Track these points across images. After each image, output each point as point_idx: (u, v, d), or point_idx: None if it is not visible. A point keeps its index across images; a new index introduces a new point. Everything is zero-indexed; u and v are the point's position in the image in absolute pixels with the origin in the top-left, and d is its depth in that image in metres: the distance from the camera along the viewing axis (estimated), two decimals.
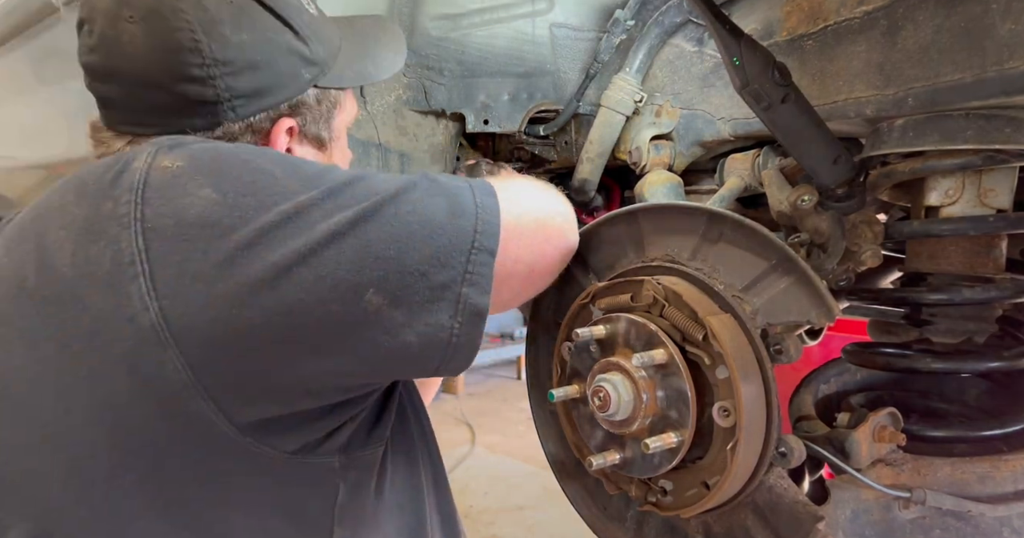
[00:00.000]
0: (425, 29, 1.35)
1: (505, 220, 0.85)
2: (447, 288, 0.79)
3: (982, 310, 1.10)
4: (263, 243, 0.74)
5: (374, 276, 0.76)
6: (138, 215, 0.75)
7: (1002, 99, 0.84)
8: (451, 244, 0.80)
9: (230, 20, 0.89)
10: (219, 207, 0.75)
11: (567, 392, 0.99)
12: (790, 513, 0.86)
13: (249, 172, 0.79)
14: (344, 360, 0.79)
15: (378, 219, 0.78)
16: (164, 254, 0.74)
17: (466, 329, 0.81)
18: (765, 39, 1.09)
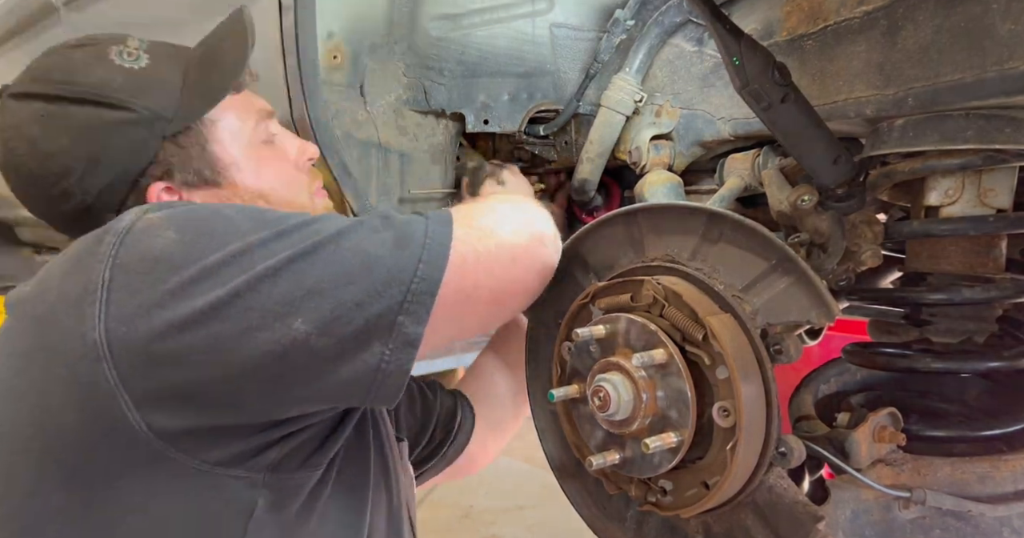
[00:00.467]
0: (425, 29, 1.35)
1: (460, 247, 0.87)
2: (382, 317, 0.82)
3: (982, 310, 1.10)
4: (207, 278, 0.81)
5: (304, 308, 0.81)
6: (113, 253, 0.84)
7: (1002, 99, 0.84)
8: (390, 275, 0.83)
9: (43, 134, 0.97)
10: (177, 246, 0.83)
11: (567, 392, 0.99)
12: (790, 513, 0.86)
13: (212, 217, 0.87)
14: (269, 385, 0.84)
15: (316, 256, 0.83)
16: (122, 284, 0.82)
17: (396, 356, 0.83)
18: (765, 39, 1.09)
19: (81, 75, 0.99)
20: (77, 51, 1.03)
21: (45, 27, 2.35)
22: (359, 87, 1.34)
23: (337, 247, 0.84)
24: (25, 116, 0.98)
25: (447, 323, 0.89)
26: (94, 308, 0.82)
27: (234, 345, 0.80)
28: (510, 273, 0.92)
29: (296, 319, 0.81)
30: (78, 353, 0.82)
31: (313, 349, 0.81)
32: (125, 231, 0.86)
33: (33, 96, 0.99)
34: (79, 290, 0.83)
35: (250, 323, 0.80)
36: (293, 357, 0.82)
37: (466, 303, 0.89)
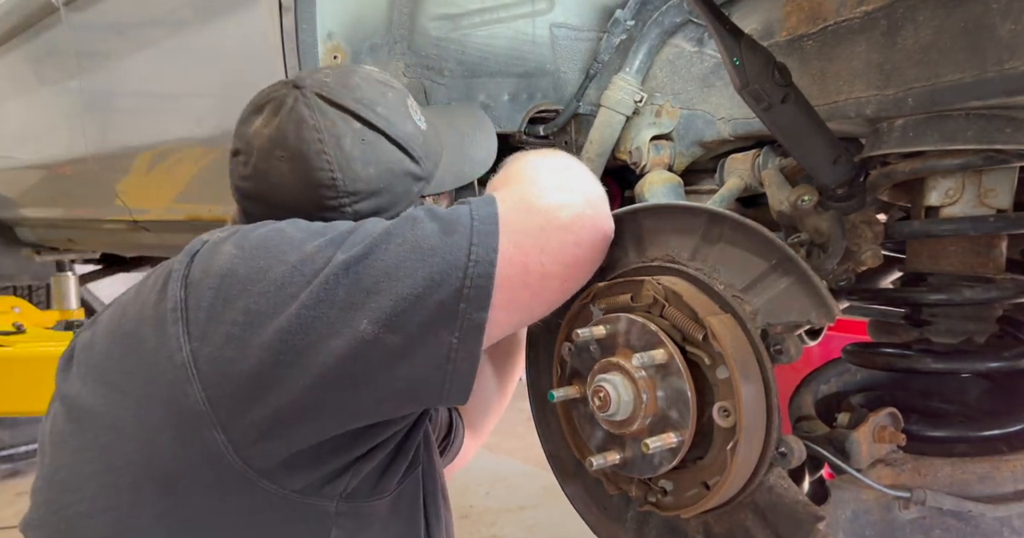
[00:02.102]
0: (425, 29, 1.35)
1: (511, 225, 0.87)
2: (443, 306, 0.83)
3: (982, 310, 1.10)
4: (272, 291, 0.85)
5: (366, 308, 0.83)
6: (185, 272, 0.90)
7: (1002, 99, 0.83)
8: (444, 263, 0.84)
9: (361, 157, 1.02)
10: (237, 260, 0.88)
11: (567, 392, 0.99)
12: (790, 513, 0.86)
13: (267, 232, 0.92)
14: (350, 392, 0.85)
15: (369, 257, 0.85)
16: (197, 302, 0.87)
17: (464, 344, 0.84)
18: (765, 39, 1.09)
19: (400, 121, 1.06)
20: (388, 90, 1.08)
21: (45, 27, 2.35)
22: None
23: (388, 245, 0.86)
24: (347, 130, 1.02)
25: (512, 305, 0.88)
26: (177, 327, 0.87)
27: (309, 357, 0.83)
28: (568, 249, 0.90)
29: (362, 320, 0.83)
30: (169, 373, 0.86)
31: (382, 346, 0.83)
32: (195, 251, 0.92)
33: (358, 117, 1.03)
34: (161, 309, 0.89)
35: (320, 332, 0.83)
36: (365, 358, 0.83)
37: (528, 283, 0.88)
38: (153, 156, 2.09)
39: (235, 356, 0.84)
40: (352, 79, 1.06)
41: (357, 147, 1.01)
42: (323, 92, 1.02)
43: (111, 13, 2.04)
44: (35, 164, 2.82)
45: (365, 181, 1.02)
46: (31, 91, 2.75)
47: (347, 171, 1.01)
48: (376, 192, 1.03)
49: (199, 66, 1.75)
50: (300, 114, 1.01)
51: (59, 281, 3.89)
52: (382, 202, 1.04)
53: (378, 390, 0.86)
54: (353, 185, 1.01)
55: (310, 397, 0.84)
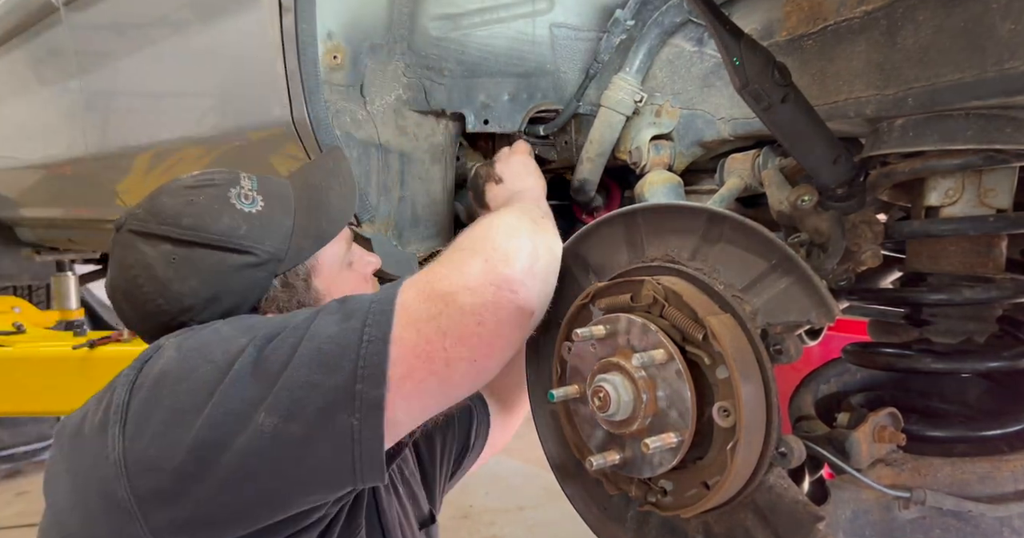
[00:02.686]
0: (425, 29, 1.35)
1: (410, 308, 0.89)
2: (339, 389, 0.85)
3: (982, 310, 1.10)
4: (193, 390, 0.88)
5: (265, 401, 0.86)
6: (134, 378, 0.94)
7: (1002, 99, 0.83)
8: (339, 348, 0.87)
9: (176, 276, 1.05)
10: (173, 361, 0.92)
11: (567, 392, 0.99)
12: (790, 513, 0.86)
13: (207, 332, 0.96)
14: (260, 487, 0.87)
15: (276, 351, 0.89)
16: (137, 405, 0.91)
17: (366, 423, 0.85)
18: (765, 39, 1.09)
19: (211, 222, 1.06)
20: (199, 193, 1.09)
21: (45, 27, 2.35)
22: (359, 87, 1.34)
23: (291, 338, 0.89)
24: (155, 257, 1.05)
25: (423, 393, 0.89)
26: (115, 428, 0.90)
27: (221, 455, 0.85)
28: (469, 330, 0.90)
29: (260, 414, 0.85)
30: (106, 471, 0.89)
31: (284, 437, 0.85)
32: (147, 358, 0.96)
33: (163, 238, 1.06)
34: (106, 413, 0.92)
35: (229, 429, 0.86)
36: (270, 451, 0.85)
37: (434, 370, 0.89)
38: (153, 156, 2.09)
39: (158, 454, 0.87)
40: (159, 200, 1.09)
41: (169, 269, 1.05)
42: (133, 227, 1.07)
43: (111, 13, 2.04)
44: (35, 164, 2.82)
45: (190, 295, 1.05)
46: (31, 91, 2.75)
47: (167, 294, 1.05)
48: (212, 298, 1.05)
49: (199, 66, 1.75)
50: (118, 257, 1.08)
51: (59, 281, 3.89)
52: (227, 303, 1.06)
53: (288, 483, 0.88)
54: (180, 303, 1.05)
55: (224, 494, 0.86)
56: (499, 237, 0.99)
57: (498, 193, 1.35)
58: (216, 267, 1.05)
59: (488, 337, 0.91)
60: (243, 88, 1.55)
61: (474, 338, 0.90)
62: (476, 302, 0.90)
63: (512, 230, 1.01)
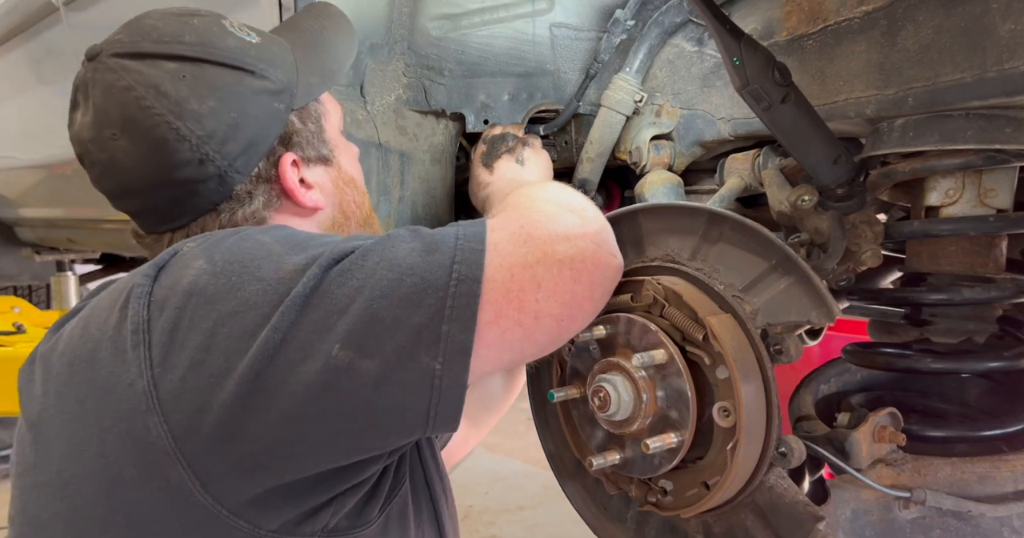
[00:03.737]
0: (425, 29, 1.35)
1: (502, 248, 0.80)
2: (424, 328, 0.76)
3: (982, 310, 1.10)
4: (241, 312, 0.77)
5: (339, 331, 0.75)
6: (150, 289, 0.81)
7: (1002, 99, 0.84)
8: (424, 282, 0.77)
9: (191, 94, 0.91)
10: (207, 275, 0.79)
11: (567, 392, 0.99)
12: (790, 513, 0.86)
13: (241, 241, 0.83)
14: (325, 427, 0.77)
15: (345, 275, 0.78)
16: (161, 324, 0.78)
17: (449, 369, 0.76)
18: (765, 39, 1.09)
19: (217, 40, 0.95)
20: (193, 18, 0.97)
21: (45, 27, 2.35)
22: (359, 87, 1.34)
23: (364, 261, 0.79)
24: (160, 76, 0.90)
25: (503, 343, 0.80)
26: (138, 351, 0.78)
27: (280, 388, 0.75)
28: (566, 286, 0.81)
29: (334, 345, 0.75)
30: (129, 403, 0.78)
31: (357, 374, 0.75)
32: (162, 264, 0.83)
33: (165, 56, 0.92)
34: (122, 330, 0.80)
35: (290, 359, 0.75)
36: (339, 387, 0.75)
37: (521, 321, 0.79)
38: None
39: (200, 385, 0.76)
40: (145, 23, 0.96)
41: (181, 86, 0.90)
42: (119, 50, 0.93)
43: (111, 13, 2.04)
44: (35, 164, 2.82)
45: (210, 117, 0.91)
46: (31, 91, 2.75)
47: (184, 115, 0.90)
48: (233, 124, 0.92)
49: None
50: (105, 82, 0.91)
51: (59, 281, 3.90)
52: (250, 134, 0.94)
53: (356, 423, 0.77)
54: (200, 127, 0.90)
55: (282, 432, 0.76)
56: (580, 199, 0.92)
57: (511, 169, 1.29)
58: (233, 87, 0.93)
59: (581, 294, 0.83)
60: None
61: (567, 295, 0.81)
62: (576, 256, 0.82)
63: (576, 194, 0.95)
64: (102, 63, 0.93)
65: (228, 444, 0.76)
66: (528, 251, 0.81)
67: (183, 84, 0.91)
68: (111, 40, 0.95)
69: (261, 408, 0.75)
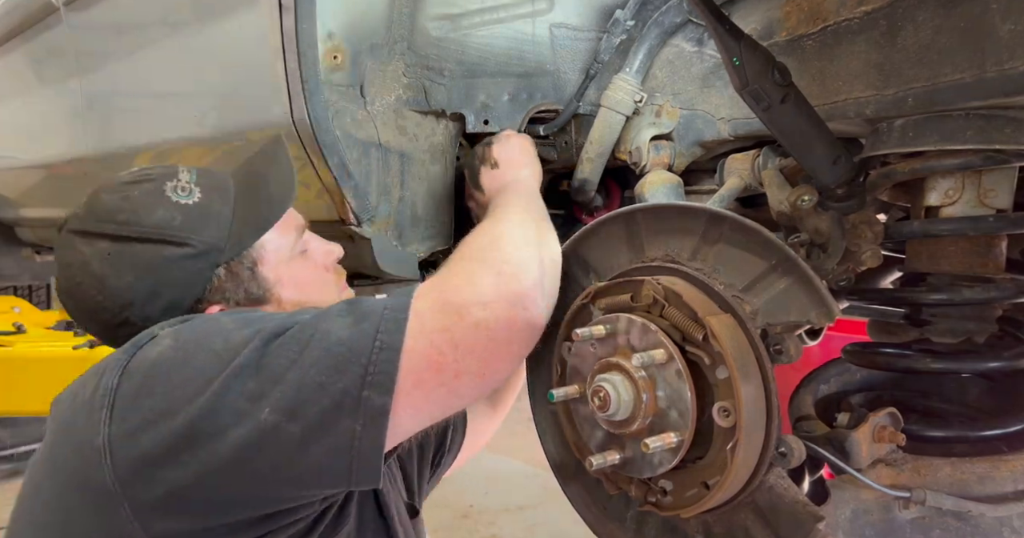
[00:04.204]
0: (425, 29, 1.35)
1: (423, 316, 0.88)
2: (346, 394, 0.84)
3: (982, 310, 1.10)
4: (191, 379, 0.87)
5: (271, 398, 0.85)
6: (126, 363, 0.92)
7: (1002, 99, 0.84)
8: (349, 352, 0.86)
9: (112, 272, 1.05)
10: (169, 351, 0.91)
11: (567, 392, 0.99)
12: (790, 513, 0.86)
13: (203, 322, 0.96)
14: (249, 480, 0.86)
15: (282, 348, 0.88)
16: (126, 391, 0.90)
17: (367, 431, 0.85)
18: (765, 39, 1.09)
19: (145, 215, 1.07)
20: (135, 188, 1.10)
21: (45, 27, 2.35)
22: (359, 87, 1.34)
23: (301, 336, 0.88)
24: (92, 254, 1.06)
25: (429, 403, 0.90)
26: (102, 413, 0.89)
27: (212, 443, 0.84)
28: (481, 345, 0.90)
29: (264, 409, 0.84)
30: (89, 458, 0.88)
31: (284, 435, 0.84)
32: (140, 343, 0.94)
33: (99, 235, 1.06)
34: (95, 397, 0.91)
35: (225, 420, 0.85)
36: (267, 447, 0.85)
37: (443, 382, 0.89)
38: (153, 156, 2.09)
39: (146, 438, 0.86)
40: (98, 197, 1.11)
41: (106, 264, 1.05)
42: (73, 227, 1.09)
43: (111, 13, 2.04)
44: (35, 164, 2.82)
45: (127, 290, 1.05)
46: (31, 91, 2.75)
47: (106, 290, 1.05)
48: (151, 292, 1.05)
49: (199, 66, 1.75)
50: (60, 258, 1.09)
51: None
52: (168, 296, 1.06)
53: (279, 479, 0.87)
54: (120, 298, 1.05)
55: (209, 482, 0.85)
56: (508, 248, 1.00)
57: (493, 177, 1.33)
58: (152, 261, 1.05)
59: (498, 351, 0.92)
60: (243, 88, 1.55)
61: (484, 352, 0.90)
62: (488, 317, 0.90)
63: (520, 241, 1.02)
64: (64, 237, 1.10)
65: (163, 487, 0.86)
66: (445, 316, 0.89)
67: (106, 263, 1.05)
68: (73, 214, 1.11)
69: (193, 460, 0.85)
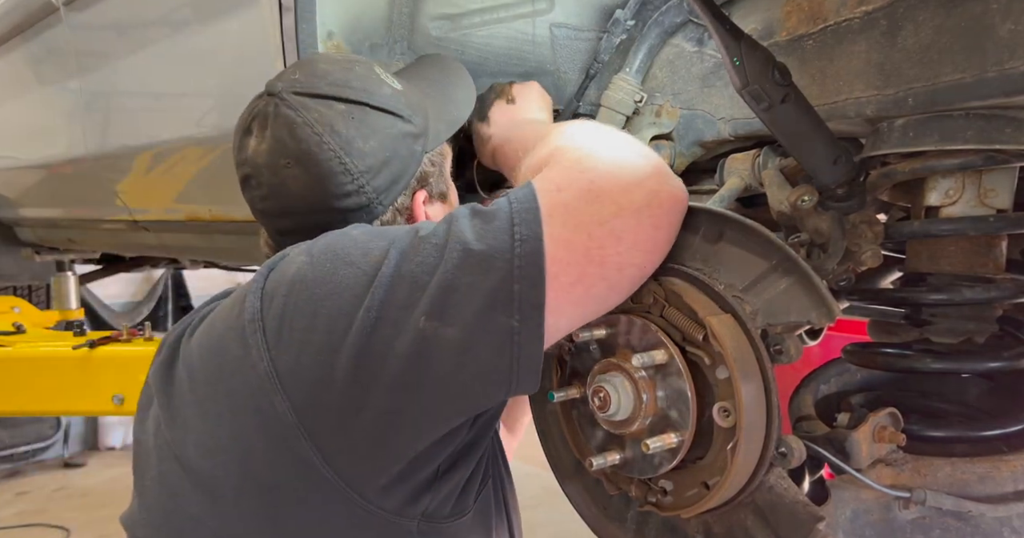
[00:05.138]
0: (425, 29, 1.35)
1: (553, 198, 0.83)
2: (497, 290, 0.81)
3: (982, 310, 1.10)
4: (336, 294, 0.85)
5: (423, 305, 0.82)
6: (262, 284, 0.92)
7: (1002, 99, 0.83)
8: (490, 249, 0.82)
9: (358, 134, 1.04)
10: (307, 267, 0.89)
11: (567, 392, 0.99)
12: (790, 513, 0.86)
13: (335, 237, 0.93)
14: (422, 394, 0.84)
15: (416, 252, 0.85)
16: (272, 311, 0.89)
17: (525, 324, 0.81)
18: (765, 39, 1.09)
19: (375, 88, 1.08)
20: (354, 64, 1.11)
21: (45, 27, 2.35)
22: None
23: (436, 241, 0.85)
24: (334, 115, 1.03)
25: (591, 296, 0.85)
26: (256, 337, 0.88)
27: (380, 361, 0.83)
28: (654, 239, 0.85)
29: (420, 317, 0.82)
30: (254, 383, 0.87)
31: (443, 341, 0.82)
32: (273, 265, 0.94)
33: (335, 98, 1.04)
34: (240, 320, 0.91)
35: (385, 334, 0.83)
36: (428, 354, 0.82)
37: (605, 276, 0.84)
38: (153, 156, 2.09)
39: (312, 363, 0.85)
40: (318, 67, 1.09)
41: (351, 126, 1.03)
42: (297, 89, 1.04)
43: (111, 13, 2.04)
44: (35, 164, 2.82)
45: (372, 154, 1.04)
46: (31, 91, 2.75)
47: (352, 152, 1.03)
48: (386, 161, 1.05)
49: (199, 66, 1.75)
50: (287, 117, 1.03)
51: (59, 281, 3.89)
52: (394, 170, 1.07)
53: (448, 388, 0.84)
54: (363, 162, 1.03)
55: (388, 403, 0.84)
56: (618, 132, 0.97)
57: (505, 111, 1.30)
58: (388, 130, 1.06)
59: (661, 239, 0.87)
60: (243, 88, 1.54)
61: (649, 242, 0.86)
62: (651, 201, 0.84)
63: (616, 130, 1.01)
64: (284, 99, 1.04)
65: (343, 416, 0.84)
66: (602, 207, 0.83)
67: (352, 124, 1.04)
68: (288, 79, 1.07)
69: (368, 381, 0.83)
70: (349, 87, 1.06)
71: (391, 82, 1.11)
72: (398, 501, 0.91)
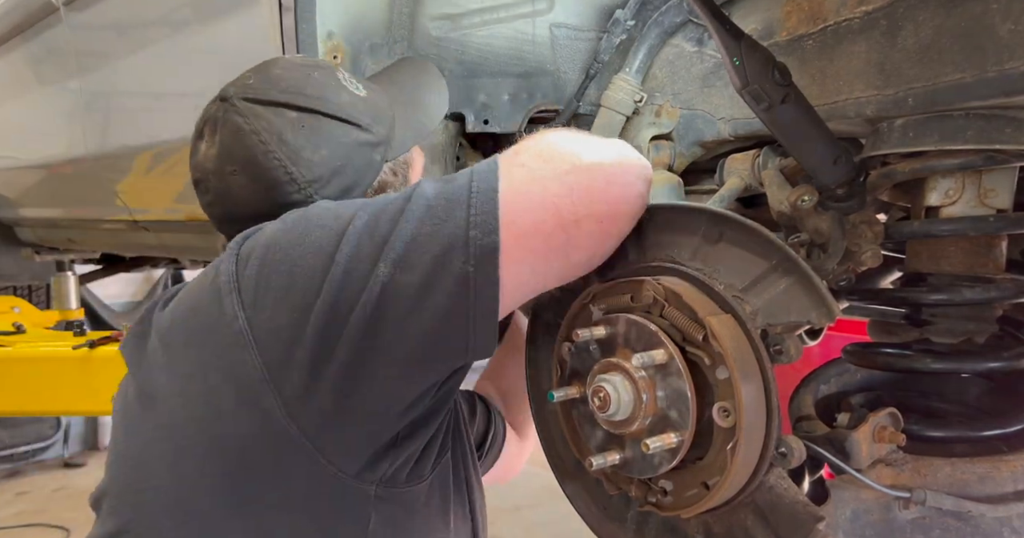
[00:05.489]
0: (425, 29, 1.35)
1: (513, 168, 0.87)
2: (454, 237, 0.83)
3: (982, 310, 1.10)
4: (311, 253, 0.87)
5: (388, 256, 0.84)
6: (237, 250, 0.93)
7: (1002, 99, 0.83)
8: (449, 202, 0.85)
9: (308, 143, 1.03)
10: (280, 232, 0.91)
11: (567, 392, 0.99)
12: (790, 513, 0.86)
13: (312, 207, 0.95)
14: (386, 345, 0.85)
15: (382, 211, 0.87)
16: (248, 272, 0.90)
17: (481, 270, 0.83)
18: (765, 39, 1.09)
19: (332, 95, 1.06)
20: (313, 70, 1.09)
21: (45, 27, 2.35)
22: None
23: (401, 199, 0.88)
24: (283, 124, 1.03)
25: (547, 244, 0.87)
26: (231, 297, 0.89)
27: (345, 312, 0.84)
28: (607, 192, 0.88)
29: (382, 267, 0.84)
30: (228, 341, 0.88)
31: (401, 286, 0.84)
32: (248, 235, 0.95)
33: (286, 105, 1.04)
34: (216, 283, 0.92)
35: (353, 288, 0.84)
36: (388, 301, 0.84)
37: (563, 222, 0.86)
38: (153, 156, 2.09)
39: (287, 321, 0.86)
40: (273, 72, 1.07)
41: (300, 135, 1.02)
42: (248, 95, 1.04)
43: (111, 13, 2.04)
44: (35, 164, 2.82)
45: (321, 164, 1.03)
46: (31, 91, 2.75)
47: (299, 161, 1.02)
48: (337, 171, 1.04)
49: (199, 66, 1.75)
50: (235, 124, 1.02)
51: (59, 281, 3.90)
52: (346, 180, 1.05)
53: (407, 336, 0.85)
54: (311, 172, 1.02)
55: (351, 353, 0.85)
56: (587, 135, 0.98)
57: None
58: (342, 138, 1.05)
59: (617, 195, 0.90)
60: None
61: (602, 194, 0.88)
62: (603, 161, 0.89)
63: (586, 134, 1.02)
64: (235, 105, 1.03)
65: (311, 371, 0.85)
66: (557, 165, 0.87)
67: (301, 133, 1.03)
68: (242, 84, 1.06)
69: (334, 335, 0.84)
70: (303, 94, 1.04)
71: (353, 88, 1.09)
72: (358, 465, 0.93)
